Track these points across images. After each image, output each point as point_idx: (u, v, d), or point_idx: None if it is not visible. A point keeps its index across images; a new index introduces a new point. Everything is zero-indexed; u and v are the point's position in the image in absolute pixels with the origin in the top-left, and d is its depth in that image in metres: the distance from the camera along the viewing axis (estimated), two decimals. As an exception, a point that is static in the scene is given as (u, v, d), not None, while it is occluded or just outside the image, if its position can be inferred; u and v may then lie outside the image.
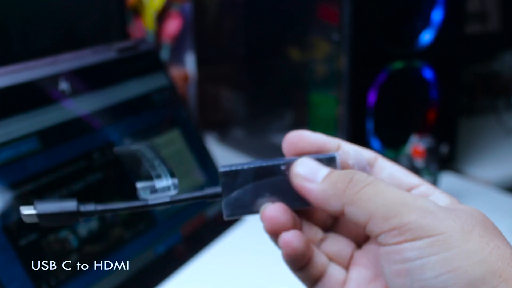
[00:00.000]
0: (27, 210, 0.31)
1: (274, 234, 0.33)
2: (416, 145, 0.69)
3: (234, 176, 0.32)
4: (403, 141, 0.75)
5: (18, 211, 0.46)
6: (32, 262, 0.45)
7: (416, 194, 0.33)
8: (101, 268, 0.50)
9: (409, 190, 0.33)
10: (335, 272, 0.35)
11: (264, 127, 0.87)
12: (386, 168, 0.34)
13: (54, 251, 0.47)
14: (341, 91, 0.72)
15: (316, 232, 0.35)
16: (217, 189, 0.33)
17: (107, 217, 0.52)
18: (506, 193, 0.79)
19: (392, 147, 0.77)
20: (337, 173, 0.31)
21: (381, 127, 0.75)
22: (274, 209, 0.32)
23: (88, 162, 0.53)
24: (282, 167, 0.33)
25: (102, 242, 0.51)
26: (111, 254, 0.51)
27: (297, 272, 0.34)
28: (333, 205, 0.31)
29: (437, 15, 0.76)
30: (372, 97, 0.73)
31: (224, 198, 0.33)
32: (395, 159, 0.66)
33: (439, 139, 0.71)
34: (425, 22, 0.76)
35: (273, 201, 0.33)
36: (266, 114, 0.86)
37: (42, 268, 0.46)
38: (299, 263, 0.34)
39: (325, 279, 0.34)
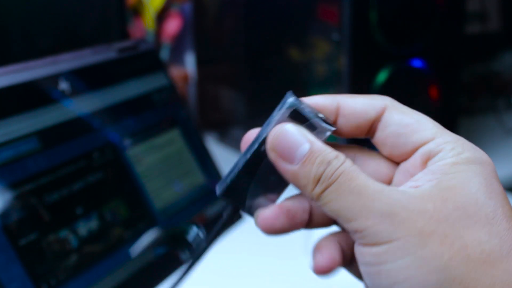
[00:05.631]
0: None
1: (274, 235, 0.31)
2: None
3: (233, 190, 0.31)
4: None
5: (17, 212, 0.46)
6: (32, 262, 0.45)
7: (418, 154, 0.30)
8: (101, 268, 0.50)
9: (416, 148, 0.30)
10: None
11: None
12: (392, 124, 0.30)
13: (54, 251, 0.47)
14: (341, 91, 0.72)
15: None
16: (230, 208, 0.32)
17: (107, 217, 0.52)
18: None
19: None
20: (313, 159, 0.28)
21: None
22: (267, 217, 0.30)
23: (88, 162, 0.53)
24: (262, 149, 0.30)
25: (102, 242, 0.51)
26: (111, 254, 0.51)
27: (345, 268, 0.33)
28: (305, 195, 0.29)
29: (437, 15, 0.76)
30: (372, 97, 0.73)
31: (242, 210, 0.32)
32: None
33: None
34: (425, 22, 0.76)
35: (277, 187, 0.31)
36: (266, 114, 0.86)
37: (42, 268, 0.46)
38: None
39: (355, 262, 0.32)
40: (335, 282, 0.55)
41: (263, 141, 0.30)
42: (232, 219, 0.32)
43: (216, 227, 0.32)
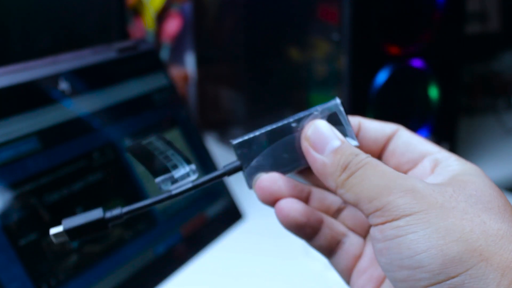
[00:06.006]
0: (54, 230, 0.31)
1: (269, 204, 0.33)
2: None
3: (248, 146, 0.33)
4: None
5: (17, 212, 0.46)
6: (32, 262, 0.45)
7: (425, 161, 0.33)
8: (101, 268, 0.50)
9: (422, 158, 0.34)
10: (352, 244, 0.35)
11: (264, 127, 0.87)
12: (403, 137, 0.35)
13: (54, 251, 0.47)
14: (341, 91, 0.72)
15: (333, 201, 0.35)
16: (236, 163, 0.33)
17: (107, 217, 0.52)
18: (506, 193, 0.79)
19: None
20: (343, 151, 0.31)
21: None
22: (266, 179, 0.33)
23: (88, 162, 0.53)
24: (293, 125, 0.33)
25: (102, 242, 0.51)
26: (111, 254, 0.51)
27: (307, 241, 0.35)
28: (329, 183, 0.31)
29: (437, 15, 0.76)
30: (372, 97, 0.73)
31: (244, 169, 0.33)
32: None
33: (439, 139, 0.71)
34: (425, 22, 0.76)
35: (292, 162, 0.33)
36: (266, 114, 0.86)
37: (42, 268, 0.46)
38: (301, 232, 0.34)
39: (341, 252, 0.35)
40: (335, 282, 0.55)
41: (297, 120, 0.33)
42: (230, 174, 0.33)
43: (209, 176, 0.33)
